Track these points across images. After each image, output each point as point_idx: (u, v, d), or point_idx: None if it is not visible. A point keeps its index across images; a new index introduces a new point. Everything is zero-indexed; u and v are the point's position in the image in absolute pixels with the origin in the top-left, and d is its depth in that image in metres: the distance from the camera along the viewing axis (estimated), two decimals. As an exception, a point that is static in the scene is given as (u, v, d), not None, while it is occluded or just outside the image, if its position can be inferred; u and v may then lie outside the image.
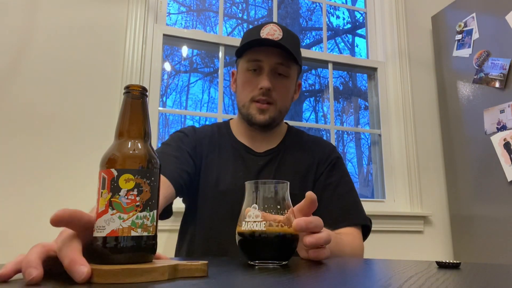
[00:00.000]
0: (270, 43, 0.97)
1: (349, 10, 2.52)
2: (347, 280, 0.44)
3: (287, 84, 1.04)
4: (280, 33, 0.98)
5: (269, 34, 0.97)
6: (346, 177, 1.08)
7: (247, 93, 1.02)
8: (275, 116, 1.02)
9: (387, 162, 2.15)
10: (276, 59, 0.99)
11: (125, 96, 0.46)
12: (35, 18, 1.66)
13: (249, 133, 1.09)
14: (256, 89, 1.00)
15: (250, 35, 1.01)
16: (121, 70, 1.71)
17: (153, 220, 0.44)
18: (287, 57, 1.00)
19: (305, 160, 1.08)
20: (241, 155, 1.06)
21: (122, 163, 0.43)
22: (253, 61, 1.00)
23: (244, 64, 1.03)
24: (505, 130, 1.80)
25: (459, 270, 0.51)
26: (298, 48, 1.06)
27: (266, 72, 0.99)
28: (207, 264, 0.44)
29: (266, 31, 0.98)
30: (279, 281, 0.42)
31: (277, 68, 1.00)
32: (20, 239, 1.47)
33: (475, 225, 1.93)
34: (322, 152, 1.10)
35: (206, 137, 1.08)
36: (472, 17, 2.05)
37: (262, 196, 0.59)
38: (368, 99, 2.37)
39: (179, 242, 1.10)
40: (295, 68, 1.06)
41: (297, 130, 1.19)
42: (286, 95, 1.04)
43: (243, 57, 1.03)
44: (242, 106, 1.04)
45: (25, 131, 1.56)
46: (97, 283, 0.37)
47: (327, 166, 1.07)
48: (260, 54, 1.00)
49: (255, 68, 1.00)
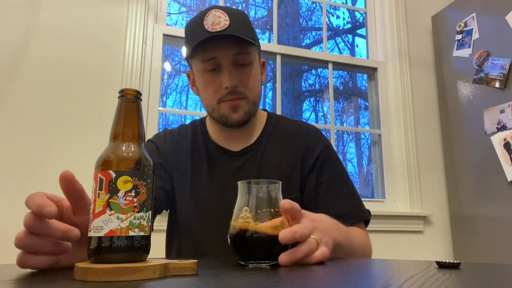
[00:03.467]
0: (220, 36, 0.85)
1: (349, 10, 2.52)
2: (347, 280, 0.43)
3: (251, 71, 0.93)
4: (226, 18, 0.87)
5: (215, 24, 0.86)
6: (337, 168, 0.99)
7: (212, 96, 0.91)
8: (250, 109, 0.93)
9: (387, 162, 2.15)
10: (232, 50, 0.88)
11: (119, 100, 0.48)
12: (35, 18, 1.66)
13: (222, 132, 1.00)
14: (221, 89, 0.90)
15: (194, 31, 0.89)
16: (121, 70, 1.71)
17: (149, 220, 0.45)
18: (243, 44, 0.89)
19: (288, 158, 0.97)
20: (215, 158, 0.98)
21: (120, 165, 0.44)
22: (208, 60, 0.89)
23: (199, 65, 0.91)
24: (505, 130, 1.80)
25: (459, 270, 0.51)
26: (250, 25, 0.94)
27: (227, 68, 0.89)
28: (196, 262, 0.45)
29: (210, 21, 0.86)
30: (272, 280, 0.42)
31: (236, 59, 0.90)
32: (19, 239, 1.47)
33: (475, 225, 1.93)
34: (306, 145, 0.99)
35: (178, 142, 1.01)
36: (472, 17, 2.05)
37: (255, 197, 0.59)
38: (368, 99, 2.37)
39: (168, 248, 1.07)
40: (254, 50, 0.95)
41: (277, 118, 1.07)
42: (254, 83, 0.94)
43: (195, 57, 0.92)
44: (212, 110, 0.93)
45: (25, 131, 1.56)
46: (90, 281, 0.38)
47: (316, 162, 0.97)
48: (213, 50, 0.88)
49: (213, 67, 0.90)
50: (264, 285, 0.38)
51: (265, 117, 1.05)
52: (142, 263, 0.42)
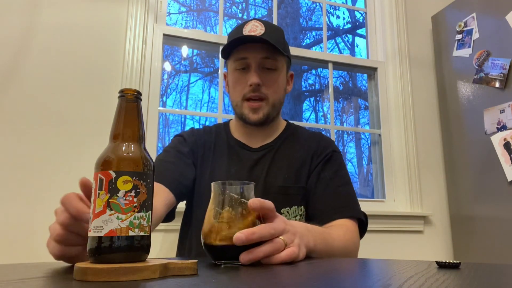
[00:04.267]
0: (252, 39, 0.98)
1: (349, 10, 2.52)
2: (347, 280, 0.43)
3: (276, 77, 1.04)
4: (262, 28, 1.00)
5: (251, 31, 0.99)
6: (341, 171, 1.07)
7: (238, 92, 1.03)
8: (269, 112, 1.04)
9: (387, 162, 2.15)
10: (261, 53, 1.00)
11: (119, 100, 0.47)
12: (35, 18, 1.66)
13: (245, 130, 1.10)
14: (246, 86, 1.01)
15: (233, 35, 1.03)
16: (121, 70, 1.71)
17: (149, 220, 0.45)
18: (272, 50, 1.00)
19: (300, 154, 1.07)
20: (235, 151, 1.08)
21: (120, 165, 0.44)
22: (239, 60, 1.02)
23: (232, 64, 1.05)
24: (505, 130, 1.80)
25: (459, 270, 0.51)
26: (283, 39, 1.06)
27: (254, 68, 1.01)
28: (196, 262, 0.45)
29: (248, 28, 1.00)
30: (272, 280, 0.42)
31: (263, 63, 1.01)
32: (19, 239, 1.47)
33: (475, 225, 1.93)
34: (317, 145, 1.09)
35: (203, 137, 1.10)
36: (472, 17, 2.05)
37: (229, 197, 0.60)
38: (368, 99, 2.37)
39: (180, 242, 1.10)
40: (282, 60, 1.06)
41: (296, 126, 1.19)
42: (277, 88, 1.04)
43: (230, 58, 1.05)
44: (236, 105, 1.05)
45: (25, 131, 1.56)
46: (90, 281, 0.38)
47: (322, 159, 1.06)
48: (244, 51, 1.01)
49: (242, 66, 1.02)
50: (264, 285, 0.38)
51: (285, 124, 1.16)
52: (142, 263, 0.42)
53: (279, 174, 1.03)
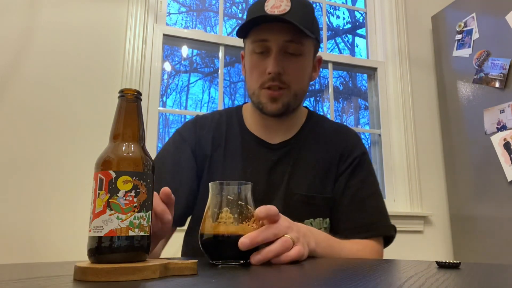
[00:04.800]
0: (274, 18, 0.84)
1: (349, 10, 2.52)
2: (347, 280, 0.43)
3: (300, 63, 0.90)
4: (287, 3, 0.84)
5: (274, 7, 0.84)
6: (369, 178, 0.95)
7: (255, 79, 0.89)
8: (290, 101, 0.90)
9: (387, 162, 2.15)
10: (284, 36, 0.85)
11: (119, 100, 0.48)
12: (35, 18, 1.66)
13: (262, 121, 0.96)
14: (264, 74, 0.87)
15: (253, 11, 0.88)
16: (121, 70, 1.71)
17: (149, 220, 0.45)
18: (297, 32, 0.85)
19: (326, 156, 0.95)
20: (251, 149, 0.94)
21: (119, 165, 0.44)
22: (258, 42, 0.87)
23: (250, 46, 0.90)
24: (505, 130, 1.80)
25: (459, 270, 0.51)
26: (312, 18, 0.90)
27: (274, 54, 0.86)
28: (196, 262, 0.45)
29: (271, 4, 0.85)
30: (272, 280, 0.42)
31: (286, 46, 0.87)
32: (19, 239, 1.47)
33: (475, 225, 1.93)
34: (345, 145, 0.97)
35: (210, 131, 0.96)
36: (472, 17, 2.05)
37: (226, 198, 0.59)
38: (368, 99, 2.37)
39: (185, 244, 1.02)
40: (310, 43, 0.91)
41: (317, 116, 1.05)
42: (300, 76, 0.91)
43: (248, 38, 0.90)
44: (252, 93, 0.91)
45: (24, 130, 1.56)
46: (90, 281, 0.38)
47: (350, 165, 0.94)
48: (265, 33, 0.86)
49: (262, 50, 0.87)
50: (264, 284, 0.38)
51: (306, 114, 1.03)
52: (142, 263, 0.42)
53: (302, 180, 0.91)
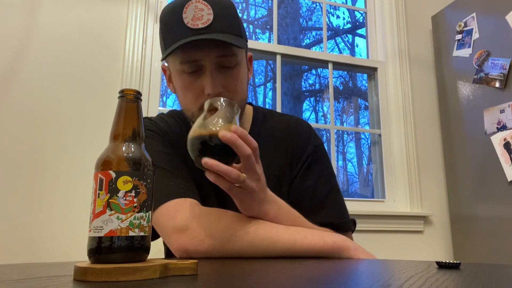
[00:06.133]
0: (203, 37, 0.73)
1: (349, 10, 2.52)
2: (347, 280, 0.43)
3: (237, 74, 0.81)
4: (208, 11, 0.74)
5: (196, 19, 0.73)
6: (324, 173, 0.91)
7: (192, 101, 0.79)
8: None
9: (387, 162, 2.15)
10: (217, 51, 0.76)
11: (119, 100, 0.48)
12: (35, 18, 1.66)
13: None
14: (201, 95, 0.77)
15: (171, 24, 0.77)
16: (121, 70, 1.71)
17: (149, 220, 0.45)
18: (229, 45, 0.76)
19: (278, 161, 0.90)
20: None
21: (120, 166, 0.44)
22: (188, 63, 0.77)
23: (178, 66, 0.79)
24: (505, 130, 1.80)
25: (459, 270, 0.51)
26: (237, 20, 0.80)
27: (209, 72, 0.76)
28: (196, 263, 0.45)
29: (191, 15, 0.73)
30: (272, 280, 0.42)
31: (220, 61, 0.77)
32: (19, 239, 1.47)
33: (475, 225, 1.93)
34: (296, 145, 0.92)
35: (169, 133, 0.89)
36: (472, 17, 2.05)
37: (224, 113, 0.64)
38: (368, 99, 2.37)
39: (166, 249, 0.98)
40: (241, 50, 0.82)
41: (264, 113, 0.97)
42: (240, 86, 0.82)
43: (174, 56, 0.79)
44: (192, 115, 0.81)
45: (24, 130, 1.56)
46: (90, 281, 0.38)
47: (303, 165, 0.90)
48: (193, 52, 0.76)
49: (193, 69, 0.77)
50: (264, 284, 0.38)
51: (252, 112, 0.96)
52: (142, 263, 0.42)
53: None
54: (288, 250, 0.71)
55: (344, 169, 2.42)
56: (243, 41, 0.81)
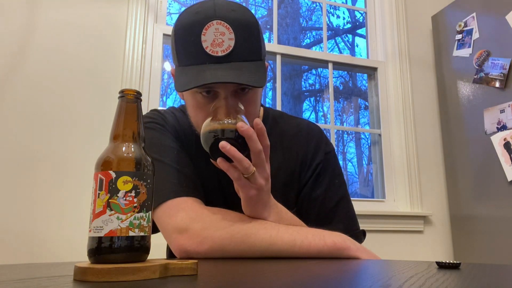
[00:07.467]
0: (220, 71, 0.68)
1: (349, 10, 2.52)
2: (347, 280, 0.43)
3: (253, 97, 0.77)
4: (230, 35, 0.68)
5: (216, 45, 0.68)
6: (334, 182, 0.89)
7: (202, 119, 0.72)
8: None
9: (387, 162, 2.15)
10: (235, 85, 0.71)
11: (119, 100, 0.48)
12: (35, 17, 1.66)
13: None
14: None
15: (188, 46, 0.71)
16: (121, 70, 1.71)
17: (149, 220, 0.45)
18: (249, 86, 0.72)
19: (287, 165, 0.87)
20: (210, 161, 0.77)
21: (120, 166, 0.44)
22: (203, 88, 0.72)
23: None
24: (505, 130, 1.80)
25: (459, 270, 0.51)
26: (258, 39, 0.74)
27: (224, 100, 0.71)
28: (196, 263, 0.45)
29: (210, 39, 0.68)
30: (272, 280, 0.42)
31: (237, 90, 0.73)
32: (19, 239, 1.47)
33: (475, 225, 1.93)
34: (306, 151, 0.89)
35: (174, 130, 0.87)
36: (472, 17, 2.05)
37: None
38: (368, 99, 2.37)
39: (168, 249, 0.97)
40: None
41: (275, 115, 0.94)
42: (254, 107, 0.78)
43: None
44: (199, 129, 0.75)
45: (24, 130, 1.56)
46: (90, 281, 0.38)
47: (313, 173, 0.88)
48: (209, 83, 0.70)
49: (207, 90, 0.72)
50: (264, 284, 0.38)
51: (262, 114, 0.93)
52: (142, 263, 0.42)
53: None
54: (288, 251, 0.71)
55: (344, 169, 2.42)
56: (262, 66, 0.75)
